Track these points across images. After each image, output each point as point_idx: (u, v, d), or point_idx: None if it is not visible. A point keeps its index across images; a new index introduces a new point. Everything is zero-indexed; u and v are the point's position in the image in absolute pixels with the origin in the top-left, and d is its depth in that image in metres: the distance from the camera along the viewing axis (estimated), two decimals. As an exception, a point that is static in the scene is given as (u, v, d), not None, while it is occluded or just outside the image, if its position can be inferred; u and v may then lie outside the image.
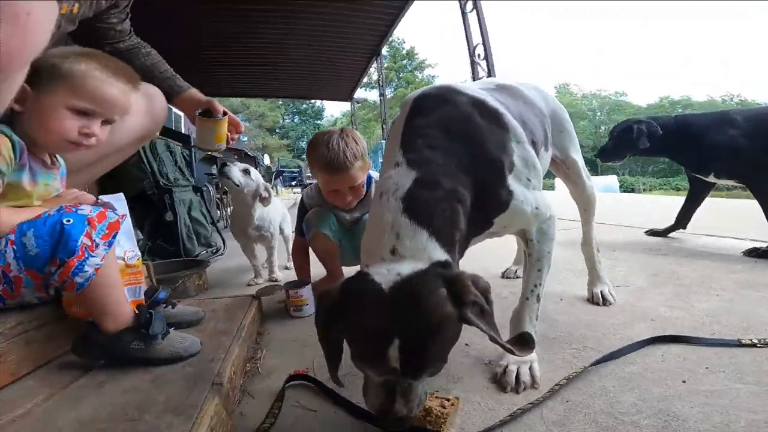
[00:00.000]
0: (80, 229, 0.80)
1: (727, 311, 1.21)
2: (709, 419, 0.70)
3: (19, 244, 0.79)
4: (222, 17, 4.22)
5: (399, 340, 0.60)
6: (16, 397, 0.75)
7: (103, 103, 0.87)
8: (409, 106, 0.88)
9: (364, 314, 0.64)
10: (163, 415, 0.66)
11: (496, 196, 0.82)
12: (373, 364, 0.65)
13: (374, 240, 0.73)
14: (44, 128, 0.84)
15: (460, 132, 0.82)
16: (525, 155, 0.88)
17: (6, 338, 0.78)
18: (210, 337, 1.00)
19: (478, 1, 3.01)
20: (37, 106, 0.81)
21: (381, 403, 0.65)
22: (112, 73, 0.88)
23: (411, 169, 0.75)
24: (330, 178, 1.39)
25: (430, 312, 0.62)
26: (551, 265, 0.96)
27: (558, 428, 0.71)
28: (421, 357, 0.62)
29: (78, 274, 0.79)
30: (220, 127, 1.28)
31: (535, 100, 1.15)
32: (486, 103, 0.89)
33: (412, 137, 0.81)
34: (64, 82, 0.83)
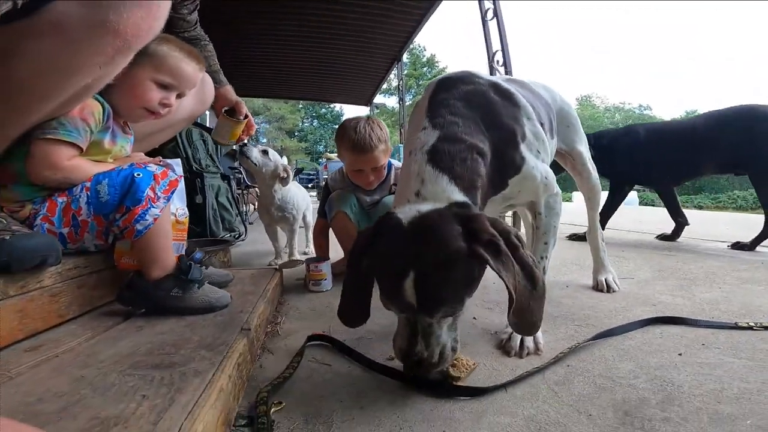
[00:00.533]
0: (147, 183, 0.93)
1: (726, 300, 1.26)
2: (702, 386, 0.75)
3: (93, 191, 0.92)
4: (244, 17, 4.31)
5: (414, 272, 0.65)
6: (61, 336, 0.82)
7: (180, 78, 1.04)
8: (433, 85, 0.98)
9: (385, 248, 0.70)
10: (196, 350, 0.74)
11: (511, 158, 0.90)
12: (392, 297, 0.69)
13: (402, 188, 0.81)
14: (131, 96, 1.00)
15: (478, 104, 0.90)
16: (535, 130, 0.97)
17: (62, 279, 0.88)
18: (238, 296, 1.09)
19: (499, 8, 3.07)
20: (127, 79, 0.95)
21: (403, 344, 0.70)
22: (186, 54, 1.05)
23: (435, 129, 0.83)
24: (356, 158, 1.53)
25: (441, 245, 0.66)
26: (557, 241, 1.02)
27: (559, 387, 0.76)
28: (434, 291, 0.66)
29: (140, 221, 0.91)
30: (237, 128, 1.46)
31: (542, 93, 1.25)
32: (500, 84, 0.99)
33: (437, 107, 0.89)
34: (150, 59, 0.99)
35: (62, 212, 0.92)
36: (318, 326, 1.11)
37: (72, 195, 0.93)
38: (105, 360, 0.70)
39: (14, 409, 0.53)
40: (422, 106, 0.94)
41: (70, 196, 0.93)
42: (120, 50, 0.73)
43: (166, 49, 1.02)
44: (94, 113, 0.94)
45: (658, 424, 0.63)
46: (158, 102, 1.03)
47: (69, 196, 0.93)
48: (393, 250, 0.69)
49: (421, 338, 0.69)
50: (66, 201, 0.93)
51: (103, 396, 0.57)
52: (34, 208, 0.91)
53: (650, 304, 1.24)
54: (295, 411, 0.69)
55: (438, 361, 0.70)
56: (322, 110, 33.61)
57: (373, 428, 0.64)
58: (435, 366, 0.70)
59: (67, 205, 0.92)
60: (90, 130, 0.93)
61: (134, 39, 0.72)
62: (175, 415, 0.51)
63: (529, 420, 0.65)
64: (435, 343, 0.70)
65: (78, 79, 0.76)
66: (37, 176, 0.89)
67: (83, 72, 0.75)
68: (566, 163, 1.43)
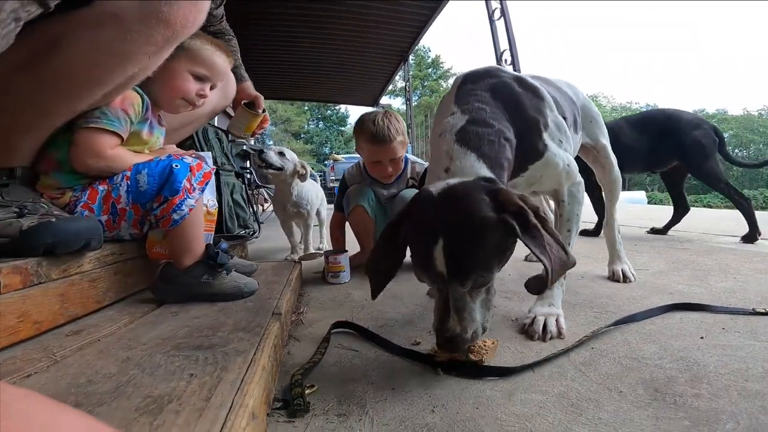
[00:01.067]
0: (184, 174, 0.97)
1: (742, 289, 1.27)
2: (727, 366, 0.76)
3: (133, 181, 0.96)
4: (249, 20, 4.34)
5: (443, 239, 0.67)
6: (100, 321, 0.85)
7: (213, 70, 1.11)
8: (460, 78, 1.02)
9: (417, 217, 0.73)
10: (233, 332, 0.76)
11: (534, 145, 0.94)
12: (424, 266, 0.71)
13: (433, 166, 0.85)
14: (171, 87, 1.06)
15: (503, 95, 0.94)
16: (557, 121, 1.00)
17: (100, 264, 0.91)
18: (263, 285, 1.12)
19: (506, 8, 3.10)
20: (166, 71, 1.00)
21: (436, 319, 0.72)
22: (217, 48, 1.11)
23: (464, 114, 0.88)
24: (374, 149, 1.58)
25: (469, 213, 0.68)
26: (579, 228, 1.04)
27: (585, 368, 0.78)
28: (462, 257, 0.67)
29: (176, 211, 0.95)
30: (254, 121, 1.50)
31: (566, 90, 1.28)
32: (525, 79, 1.03)
33: (465, 96, 0.93)
34: (186, 53, 1.04)
35: (102, 200, 0.96)
36: (339, 315, 1.13)
37: (113, 183, 0.96)
38: (147, 342, 0.72)
39: (65, 390, 0.54)
40: (450, 96, 0.98)
41: (111, 185, 0.96)
42: (168, 40, 0.77)
43: (200, 42, 1.07)
44: (134, 104, 0.98)
45: (690, 399, 0.65)
46: (195, 93, 1.08)
47: (110, 185, 0.96)
48: (423, 219, 0.72)
49: (454, 312, 0.69)
50: (107, 189, 0.96)
51: (152, 376, 0.58)
52: (74, 196, 0.95)
53: (667, 293, 1.25)
54: (328, 393, 0.71)
55: (471, 337, 0.71)
56: (327, 112, 33.67)
57: (407, 407, 0.66)
58: (467, 342, 0.71)
59: (108, 193, 0.96)
60: (130, 120, 0.97)
61: (182, 29, 0.76)
62: (225, 392, 0.52)
63: (561, 396, 0.67)
64: (468, 318, 0.70)
65: (127, 68, 0.79)
66: (80, 164, 0.92)
67: (133, 61, 0.78)
68: (588, 157, 1.46)
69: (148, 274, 1.07)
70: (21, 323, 0.71)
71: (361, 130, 1.61)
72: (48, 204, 0.86)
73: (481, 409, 0.65)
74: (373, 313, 1.16)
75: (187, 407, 0.49)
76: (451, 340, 0.69)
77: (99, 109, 0.92)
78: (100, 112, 0.92)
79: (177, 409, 0.48)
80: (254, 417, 0.50)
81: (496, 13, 3.20)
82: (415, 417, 0.63)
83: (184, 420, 0.46)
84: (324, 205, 2.36)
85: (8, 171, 0.84)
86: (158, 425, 0.45)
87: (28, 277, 0.73)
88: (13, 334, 0.69)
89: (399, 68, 5.85)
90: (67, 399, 0.51)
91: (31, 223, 0.76)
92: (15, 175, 0.84)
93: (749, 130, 24.82)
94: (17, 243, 0.74)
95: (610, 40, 68.11)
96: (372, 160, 1.65)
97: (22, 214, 0.78)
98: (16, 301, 0.70)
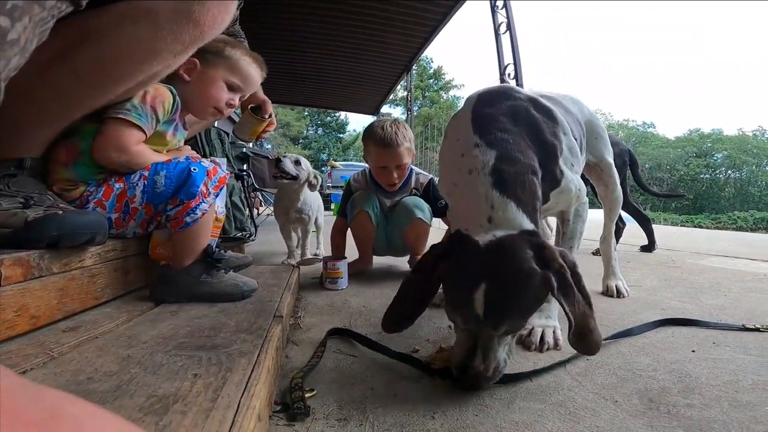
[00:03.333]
0: (201, 178, 0.97)
1: (733, 306, 1.30)
2: (718, 378, 0.78)
3: (150, 181, 0.96)
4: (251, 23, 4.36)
5: (486, 284, 0.68)
6: (98, 318, 0.84)
7: (247, 82, 1.13)
8: (474, 100, 0.99)
9: (462, 260, 0.74)
10: (236, 334, 0.76)
11: (553, 173, 0.93)
12: (461, 306, 0.72)
13: (471, 209, 0.82)
14: (204, 94, 1.07)
15: (523, 120, 0.93)
16: (570, 144, 1.02)
17: (101, 260, 0.90)
18: (263, 288, 1.12)
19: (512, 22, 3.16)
20: (203, 77, 1.04)
21: (461, 355, 0.72)
22: (254, 60, 1.13)
23: (491, 149, 0.85)
24: (382, 153, 1.62)
25: (516, 264, 0.70)
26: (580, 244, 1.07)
27: (581, 378, 0.79)
28: (502, 305, 0.70)
29: (190, 215, 0.95)
30: (259, 126, 1.50)
31: (573, 110, 1.28)
32: (539, 100, 1.02)
33: (485, 123, 0.90)
34: (225, 61, 1.07)
35: (116, 198, 0.95)
36: (337, 321, 1.13)
37: (129, 182, 0.96)
38: (148, 341, 0.71)
39: (65, 387, 0.53)
40: (464, 120, 0.94)
41: (128, 183, 0.96)
42: (195, 40, 0.79)
43: (239, 53, 1.09)
44: (165, 103, 0.98)
45: (682, 409, 0.67)
46: (225, 102, 1.10)
47: (126, 183, 0.96)
48: (469, 263, 0.72)
49: (480, 351, 0.71)
50: (122, 187, 0.95)
51: (154, 375, 0.57)
52: (88, 191, 0.94)
53: (659, 309, 1.27)
54: (328, 398, 0.71)
55: (492, 376, 0.72)
56: (327, 118, 33.71)
57: (407, 413, 0.66)
58: (489, 380, 0.73)
59: (123, 192, 0.95)
60: (157, 118, 0.97)
61: (209, 30, 0.79)
62: (231, 393, 0.52)
63: (559, 405, 0.68)
64: (492, 358, 0.72)
65: (153, 65, 0.81)
66: (103, 155, 0.92)
67: (159, 59, 0.80)
68: (591, 174, 1.46)
69: (147, 272, 1.06)
70: (18, 317, 0.69)
71: (370, 135, 1.66)
72: (54, 197, 0.85)
73: (481, 416, 0.65)
74: (372, 320, 1.16)
75: (193, 407, 0.48)
76: (474, 377, 0.71)
77: (130, 102, 0.92)
78: (130, 104, 0.92)
79: (183, 409, 0.47)
80: (260, 419, 0.50)
81: (502, 26, 3.26)
82: (416, 423, 0.63)
83: (191, 421, 0.45)
84: (321, 211, 2.37)
85: (17, 161, 0.83)
86: (164, 426, 0.44)
87: (29, 270, 0.71)
88: (9, 328, 0.67)
89: (401, 78, 5.89)
90: None
91: (37, 215, 0.75)
92: (24, 165, 0.83)
93: (743, 151, 25.08)
94: (21, 234, 0.73)
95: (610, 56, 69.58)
96: (379, 165, 1.68)
97: (28, 205, 0.77)
98: (15, 294, 0.68)
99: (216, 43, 1.07)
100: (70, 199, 0.92)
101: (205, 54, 1.05)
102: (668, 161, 25.97)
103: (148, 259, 1.07)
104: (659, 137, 30.63)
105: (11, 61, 0.43)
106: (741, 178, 25.15)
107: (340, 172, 9.88)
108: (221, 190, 1.04)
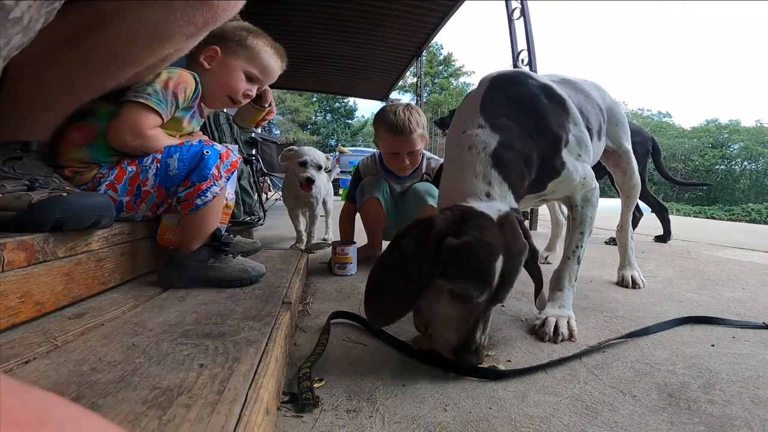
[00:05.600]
0: (214, 161, 0.95)
1: (751, 300, 1.26)
2: (739, 374, 0.76)
3: (163, 164, 0.94)
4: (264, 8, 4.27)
5: (503, 257, 0.72)
6: (104, 304, 0.82)
7: (266, 73, 1.11)
8: (487, 82, 1.01)
9: (481, 232, 0.73)
10: (244, 321, 0.74)
11: (552, 164, 0.95)
12: (478, 279, 0.72)
13: (467, 182, 0.84)
14: (222, 83, 1.06)
15: (529, 108, 0.95)
16: (579, 135, 1.00)
17: (108, 244, 0.89)
18: (272, 272, 1.11)
19: (526, 8, 3.05)
20: (222, 66, 1.03)
21: (465, 332, 0.74)
22: (275, 51, 1.11)
23: (494, 133, 0.89)
24: (394, 140, 1.57)
25: (522, 239, 0.76)
26: (592, 231, 1.03)
27: (598, 371, 0.77)
28: (511, 278, 0.74)
29: (200, 197, 0.94)
30: (258, 114, 1.48)
31: (593, 95, 1.26)
32: (553, 89, 1.01)
33: (492, 107, 0.93)
34: (246, 51, 1.05)
35: (129, 181, 0.94)
36: (346, 307, 1.12)
37: (142, 165, 0.94)
38: (154, 329, 0.69)
39: (67, 379, 0.51)
40: (475, 101, 0.97)
41: (140, 166, 0.94)
42: (207, 23, 0.78)
43: (261, 44, 1.07)
44: (187, 89, 0.97)
45: (703, 405, 0.64)
46: (242, 92, 1.08)
47: (139, 166, 0.94)
48: (488, 236, 0.73)
49: (482, 323, 0.75)
50: (135, 170, 0.94)
51: (159, 365, 0.55)
52: (100, 173, 0.93)
53: (676, 301, 1.24)
54: (337, 388, 0.70)
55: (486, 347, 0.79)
56: (335, 104, 33.47)
57: (418, 404, 0.65)
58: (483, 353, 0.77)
59: (136, 175, 0.94)
60: (176, 104, 0.96)
61: (223, 12, 0.77)
62: (238, 385, 0.50)
63: (575, 399, 0.66)
64: (487, 332, 0.78)
65: (165, 48, 0.80)
66: (117, 138, 0.91)
67: (172, 41, 0.79)
68: (609, 161, 1.43)
69: (155, 256, 1.05)
70: (22, 304, 0.67)
71: (382, 121, 1.60)
72: (60, 179, 0.83)
73: (494, 409, 0.63)
74: (380, 308, 1.14)
75: (198, 400, 0.46)
76: (477, 351, 0.74)
77: (151, 86, 0.91)
78: (152, 89, 0.91)
79: (188, 402, 0.45)
80: (268, 412, 0.49)
81: (515, 12, 3.15)
82: (428, 415, 0.62)
83: (196, 415, 0.43)
84: (331, 195, 2.36)
85: (23, 144, 0.81)
86: (168, 420, 0.42)
87: (33, 254, 0.69)
88: (13, 316, 0.65)
89: (411, 64, 5.77)
90: (69, 388, 0.48)
91: (41, 197, 0.73)
92: (30, 148, 0.81)
93: (760, 143, 24.43)
94: (25, 217, 0.71)
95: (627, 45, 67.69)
96: (390, 152, 1.63)
97: (33, 188, 0.75)
98: (19, 279, 0.66)
99: (239, 32, 1.06)
100: (83, 181, 0.91)
101: (227, 42, 1.04)
102: (683, 151, 25.39)
103: (156, 244, 1.06)
104: (675, 127, 29.88)
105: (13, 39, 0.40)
106: (757, 170, 24.59)
107: (349, 158, 9.82)
108: (232, 174, 1.02)
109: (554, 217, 1.87)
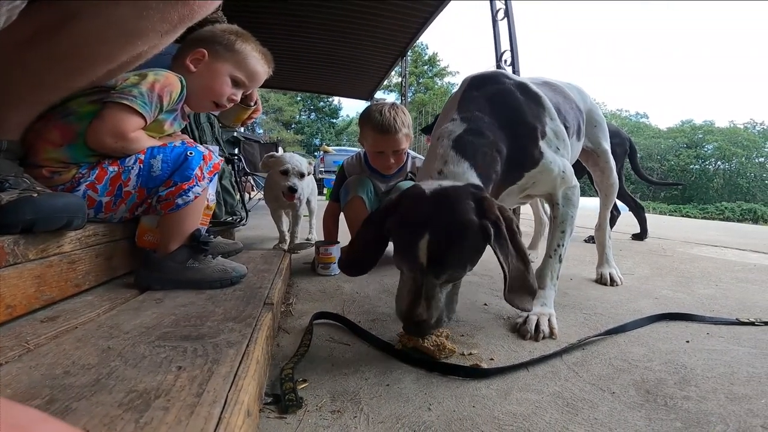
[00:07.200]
0: (197, 162, 0.94)
1: (724, 296, 1.30)
2: (714, 370, 0.78)
3: (146, 165, 0.93)
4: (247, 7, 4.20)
5: (429, 234, 0.72)
6: (78, 307, 0.80)
7: (253, 78, 1.09)
8: (466, 83, 1.06)
9: (406, 210, 0.77)
10: (224, 322, 0.73)
11: (530, 153, 0.97)
12: (406, 255, 0.76)
13: (427, 166, 0.89)
14: (207, 87, 1.03)
15: (503, 103, 0.98)
16: (556, 129, 1.03)
17: (81, 245, 0.86)
18: (253, 273, 1.09)
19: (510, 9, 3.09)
20: (208, 70, 1.01)
21: (406, 304, 0.76)
22: (263, 56, 1.09)
23: (463, 123, 0.92)
24: (379, 139, 1.58)
25: (456, 214, 0.74)
26: (573, 230, 1.04)
27: (578, 368, 0.78)
28: (443, 253, 0.73)
29: (182, 197, 0.92)
30: (243, 113, 1.46)
31: (573, 97, 1.30)
32: (529, 86, 1.05)
33: (466, 103, 0.98)
34: (233, 56, 1.03)
35: (110, 181, 0.92)
36: (329, 307, 1.11)
37: (124, 165, 0.92)
38: (130, 331, 0.67)
39: (39, 382, 0.49)
40: (454, 100, 1.02)
41: (122, 167, 0.92)
42: (183, 19, 0.76)
43: (249, 48, 1.06)
44: (172, 93, 0.95)
45: (679, 401, 0.66)
46: (227, 96, 1.06)
47: (121, 167, 0.92)
48: (413, 213, 0.76)
49: (424, 300, 0.75)
50: (117, 171, 0.92)
51: (135, 368, 0.54)
52: (80, 173, 0.90)
53: (652, 297, 1.27)
54: (321, 389, 0.69)
55: (435, 324, 0.76)
56: (320, 103, 33.31)
57: (402, 404, 0.65)
58: (432, 327, 0.77)
59: (117, 175, 0.92)
60: (161, 107, 0.94)
61: (199, 9, 0.76)
62: (217, 387, 0.49)
63: (556, 396, 0.67)
64: (435, 307, 0.76)
65: (137, 45, 0.77)
66: (97, 139, 0.88)
67: (145, 39, 0.76)
68: (588, 161, 1.48)
69: (132, 258, 1.02)
70: None
71: (367, 120, 1.61)
72: (31, 179, 0.80)
73: (477, 407, 0.64)
74: (365, 307, 1.14)
75: (176, 403, 0.45)
76: (419, 324, 0.75)
77: (137, 87, 0.89)
78: (138, 91, 0.89)
79: (165, 405, 0.44)
80: (249, 414, 0.48)
81: (500, 13, 3.19)
82: (412, 415, 0.62)
83: (174, 417, 0.42)
84: (315, 194, 2.35)
85: None
86: (145, 423, 0.41)
87: (4, 257, 0.67)
88: None
89: (396, 63, 5.78)
90: (42, 392, 0.47)
91: (11, 198, 0.70)
92: (0, 148, 0.78)
93: (733, 143, 25.27)
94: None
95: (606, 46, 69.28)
96: (375, 150, 1.64)
97: (3, 188, 0.72)
98: None
99: (228, 35, 1.04)
100: (61, 181, 0.88)
101: (215, 46, 1.03)
102: (659, 151, 26.15)
103: (133, 245, 1.03)
104: (652, 128, 30.69)
105: None
106: (730, 170, 25.45)
107: (333, 157, 9.77)
108: (215, 175, 1.01)
109: (537, 216, 1.91)
